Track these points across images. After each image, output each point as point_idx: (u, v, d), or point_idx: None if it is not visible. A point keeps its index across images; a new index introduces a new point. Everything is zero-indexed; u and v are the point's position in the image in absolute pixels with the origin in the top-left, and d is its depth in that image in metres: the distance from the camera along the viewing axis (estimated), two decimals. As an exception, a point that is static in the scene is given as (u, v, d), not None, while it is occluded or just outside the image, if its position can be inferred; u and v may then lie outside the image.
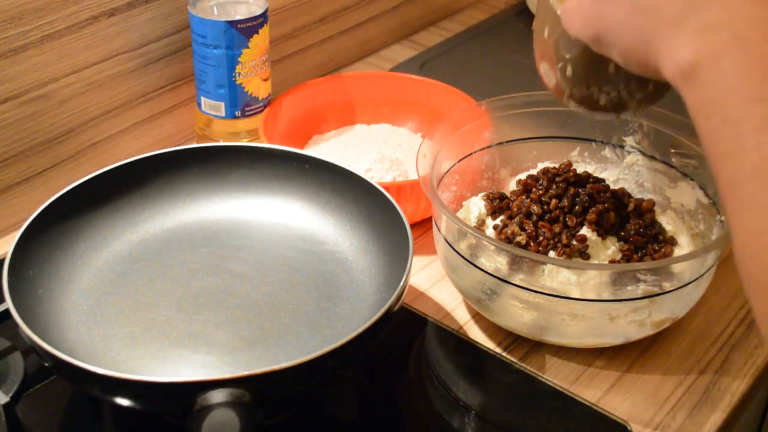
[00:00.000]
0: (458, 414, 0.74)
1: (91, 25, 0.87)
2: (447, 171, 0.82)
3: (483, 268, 0.73)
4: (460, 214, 0.82)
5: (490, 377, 0.77)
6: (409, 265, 0.69)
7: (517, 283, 0.72)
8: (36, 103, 0.86)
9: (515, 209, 0.78)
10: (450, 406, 0.74)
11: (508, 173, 0.88)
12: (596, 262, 0.75)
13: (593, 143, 0.86)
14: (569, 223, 0.75)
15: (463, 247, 0.75)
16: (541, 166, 0.86)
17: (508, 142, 0.87)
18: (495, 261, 0.73)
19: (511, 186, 0.85)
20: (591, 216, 0.75)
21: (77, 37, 0.86)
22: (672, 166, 0.83)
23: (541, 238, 0.75)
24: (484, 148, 0.86)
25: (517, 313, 0.74)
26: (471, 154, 0.85)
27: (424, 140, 0.80)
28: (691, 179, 0.81)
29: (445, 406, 0.74)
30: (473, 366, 0.77)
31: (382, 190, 0.78)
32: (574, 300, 0.71)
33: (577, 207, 0.76)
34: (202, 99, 0.94)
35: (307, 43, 1.12)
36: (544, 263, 0.72)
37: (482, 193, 0.83)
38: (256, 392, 0.59)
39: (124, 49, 0.91)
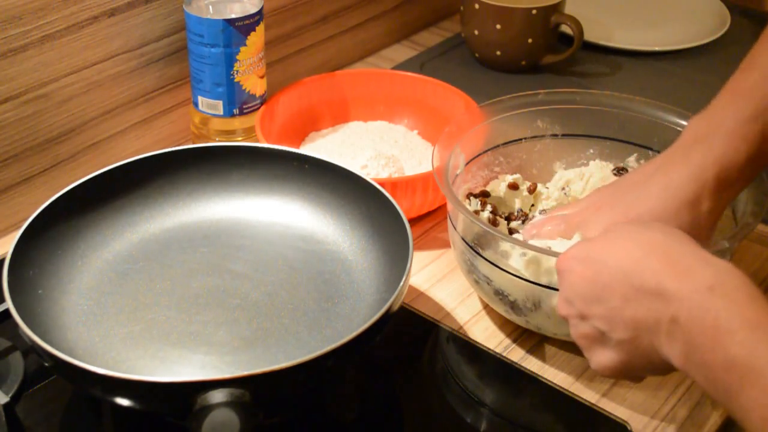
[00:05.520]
0: (458, 414, 0.74)
1: (91, 25, 0.87)
2: (488, 150, 0.83)
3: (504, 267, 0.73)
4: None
5: (490, 377, 0.77)
6: (409, 265, 0.69)
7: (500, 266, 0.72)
8: (36, 103, 0.86)
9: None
10: (450, 406, 0.74)
11: (561, 167, 0.88)
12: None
13: (650, 151, 0.84)
14: None
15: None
16: (592, 164, 0.86)
17: (564, 135, 0.86)
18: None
19: (555, 180, 0.85)
20: None
21: (77, 37, 0.86)
22: None
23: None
24: (536, 137, 0.86)
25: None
26: (521, 140, 0.85)
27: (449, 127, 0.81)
28: None
29: (444, 407, 0.74)
30: (473, 366, 0.78)
31: (383, 191, 0.77)
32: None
33: None
34: (199, 98, 0.94)
35: (307, 43, 1.12)
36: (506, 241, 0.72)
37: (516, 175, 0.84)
38: (256, 392, 0.59)
39: (124, 49, 0.91)
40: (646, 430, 0.70)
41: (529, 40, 1.13)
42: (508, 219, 0.82)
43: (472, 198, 0.82)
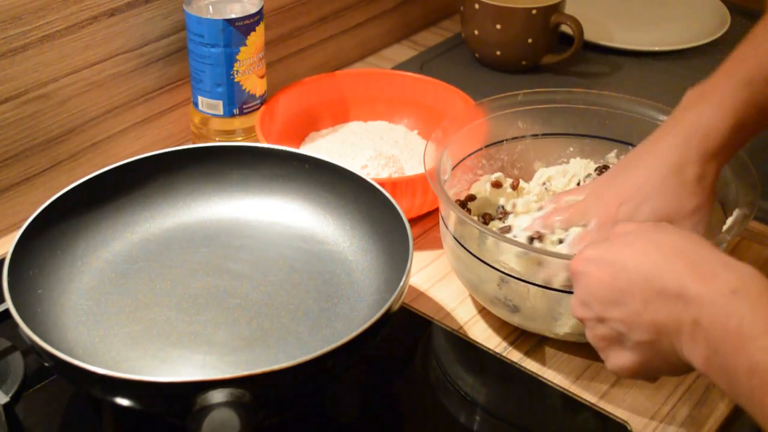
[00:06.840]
0: (458, 414, 0.74)
1: (91, 25, 0.87)
2: (472, 153, 0.83)
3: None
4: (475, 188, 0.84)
5: (490, 377, 0.77)
6: (409, 265, 0.69)
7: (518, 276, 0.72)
8: (36, 103, 0.86)
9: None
10: (450, 407, 0.74)
11: (542, 166, 0.88)
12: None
13: (630, 146, 0.84)
14: None
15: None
16: (573, 162, 0.86)
17: (543, 135, 0.86)
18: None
19: (537, 177, 0.86)
20: None
21: (77, 37, 0.86)
22: None
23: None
24: (517, 138, 0.86)
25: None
26: (502, 141, 0.85)
27: (434, 134, 0.80)
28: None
29: (445, 407, 0.74)
30: (473, 366, 0.78)
31: (383, 191, 0.78)
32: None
33: None
34: (199, 98, 0.94)
35: (307, 43, 1.12)
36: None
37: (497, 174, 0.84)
38: (256, 392, 0.59)
39: (124, 49, 0.91)
40: (646, 430, 0.70)
41: (529, 40, 1.13)
42: (485, 220, 0.81)
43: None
